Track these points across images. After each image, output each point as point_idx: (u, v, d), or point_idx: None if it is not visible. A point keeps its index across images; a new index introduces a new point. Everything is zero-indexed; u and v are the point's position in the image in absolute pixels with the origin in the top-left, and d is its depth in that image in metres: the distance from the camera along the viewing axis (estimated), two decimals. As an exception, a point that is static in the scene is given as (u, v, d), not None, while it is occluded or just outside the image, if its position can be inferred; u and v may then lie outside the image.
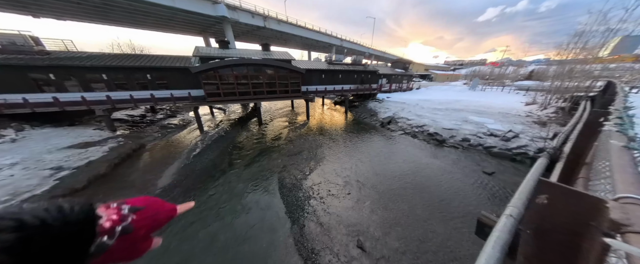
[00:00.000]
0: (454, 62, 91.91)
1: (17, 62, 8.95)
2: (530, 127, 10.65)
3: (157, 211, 0.40)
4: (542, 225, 1.04)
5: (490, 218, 2.58)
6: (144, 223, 0.37)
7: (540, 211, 1.06)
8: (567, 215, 0.94)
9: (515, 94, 21.79)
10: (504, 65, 37.48)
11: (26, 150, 7.76)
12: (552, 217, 1.01)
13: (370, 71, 20.75)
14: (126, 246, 0.34)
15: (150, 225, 0.38)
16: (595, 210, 0.84)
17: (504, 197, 6.11)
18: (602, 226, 0.75)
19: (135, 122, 13.70)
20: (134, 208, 0.38)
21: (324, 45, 32.28)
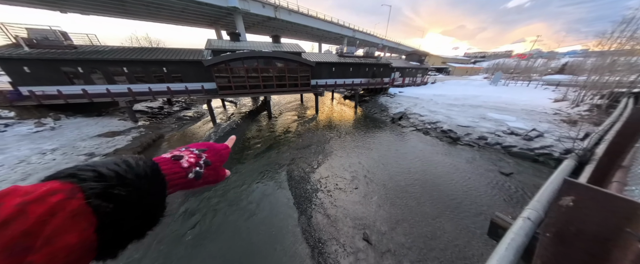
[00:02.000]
0: (475, 54, 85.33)
1: (52, 56, 9.74)
2: (557, 126, 9.79)
3: (217, 150, 0.51)
4: (566, 229, 0.98)
5: (504, 220, 2.49)
6: (214, 159, 0.48)
7: (565, 214, 1.00)
8: (597, 220, 0.87)
9: (543, 90, 19.94)
10: (532, 58, 34.13)
11: (63, 138, 8.61)
12: (579, 221, 0.94)
13: (383, 64, 19.96)
14: (211, 173, 0.45)
15: (218, 160, 0.49)
16: (632, 216, 0.77)
17: (522, 200, 5.80)
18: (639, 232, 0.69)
19: (154, 113, 14.55)
20: (201, 149, 0.48)
21: (335, 37, 31.31)
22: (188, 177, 0.41)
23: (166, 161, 0.41)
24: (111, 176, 0.29)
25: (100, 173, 0.28)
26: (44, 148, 7.57)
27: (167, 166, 0.40)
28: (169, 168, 0.40)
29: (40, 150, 7.46)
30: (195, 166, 0.43)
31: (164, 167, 0.39)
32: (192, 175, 0.41)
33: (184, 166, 0.41)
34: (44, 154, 7.26)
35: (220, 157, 0.51)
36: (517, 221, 1.96)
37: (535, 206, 2.15)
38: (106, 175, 0.29)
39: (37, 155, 7.16)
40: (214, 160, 0.48)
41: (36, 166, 6.61)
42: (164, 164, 0.40)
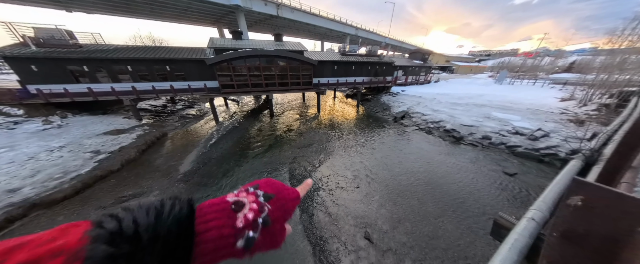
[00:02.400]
0: (480, 52, 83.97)
1: (58, 54, 9.90)
2: (564, 126, 9.61)
3: (286, 200, 0.38)
4: (573, 229, 0.97)
5: (508, 220, 2.46)
6: (277, 215, 0.35)
7: (573, 214, 0.98)
8: (606, 220, 0.85)
9: (550, 89, 19.54)
10: (539, 56, 33.43)
11: (70, 135, 8.78)
12: (587, 221, 0.93)
13: (386, 62, 19.79)
14: (267, 238, 0.33)
15: (282, 216, 0.36)
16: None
17: (526, 200, 5.72)
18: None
19: (158, 111, 14.72)
20: (267, 195, 0.36)
21: (337, 35, 31.12)
22: (236, 246, 0.29)
23: (221, 211, 0.31)
24: (127, 235, 0.23)
25: (120, 228, 0.24)
26: (52, 146, 7.74)
27: (218, 222, 0.29)
28: (217, 225, 0.29)
29: (48, 147, 7.63)
30: (250, 228, 0.31)
31: (212, 221, 0.30)
32: (241, 243, 0.29)
33: (237, 226, 0.30)
34: (51, 151, 7.42)
35: (285, 213, 0.37)
36: (521, 222, 1.93)
37: (539, 207, 2.12)
38: (124, 232, 0.23)
39: (45, 152, 7.32)
40: (277, 216, 0.35)
41: (44, 163, 6.77)
42: (216, 213, 0.31)
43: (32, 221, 5.01)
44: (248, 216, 0.32)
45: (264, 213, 0.33)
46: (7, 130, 8.28)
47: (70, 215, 5.22)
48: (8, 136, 7.97)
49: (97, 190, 6.23)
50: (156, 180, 6.80)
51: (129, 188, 6.31)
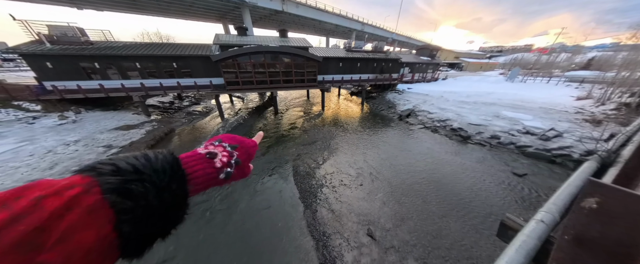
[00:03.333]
0: (492, 49, 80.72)
1: (71, 52, 10.23)
2: (579, 126, 9.20)
3: (248, 147, 0.50)
4: (587, 232, 0.94)
5: (515, 222, 2.41)
6: (243, 157, 0.47)
7: (587, 217, 0.95)
8: (625, 224, 0.82)
9: (565, 86, 18.67)
10: (554, 52, 31.85)
11: (84, 130, 9.15)
12: (603, 224, 0.90)
13: (392, 59, 19.40)
14: (238, 172, 0.45)
15: (247, 158, 0.48)
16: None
17: (536, 202, 5.58)
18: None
19: (165, 108, 15.07)
20: (233, 146, 0.47)
21: (343, 31, 30.61)
22: (219, 177, 0.40)
23: (200, 159, 0.39)
24: (129, 170, 0.28)
25: (118, 167, 0.27)
26: (68, 140, 8.10)
27: (201, 165, 0.38)
28: (203, 168, 0.38)
29: (65, 141, 7.99)
30: (227, 166, 0.41)
31: (196, 165, 0.38)
32: (223, 175, 0.40)
33: (216, 166, 0.40)
34: (68, 145, 7.78)
35: (249, 156, 0.49)
36: (530, 224, 1.89)
37: (550, 209, 2.06)
38: (124, 168, 0.28)
39: (62, 146, 7.68)
40: (244, 158, 0.47)
41: (62, 156, 7.11)
42: (195, 161, 0.39)
43: (51, 210, 5.30)
44: (223, 159, 0.42)
45: (234, 157, 0.45)
46: (26, 125, 8.72)
47: (86, 206, 5.48)
48: (28, 130, 8.39)
49: (110, 183, 6.51)
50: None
51: (140, 182, 6.55)
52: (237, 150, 0.47)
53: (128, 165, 0.28)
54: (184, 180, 0.35)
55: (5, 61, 32.50)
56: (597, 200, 0.95)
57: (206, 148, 0.44)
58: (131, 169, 0.28)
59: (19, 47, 9.71)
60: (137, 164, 0.29)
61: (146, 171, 0.29)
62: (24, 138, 7.79)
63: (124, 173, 0.27)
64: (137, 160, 0.30)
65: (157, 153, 0.34)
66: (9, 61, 32.93)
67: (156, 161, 0.32)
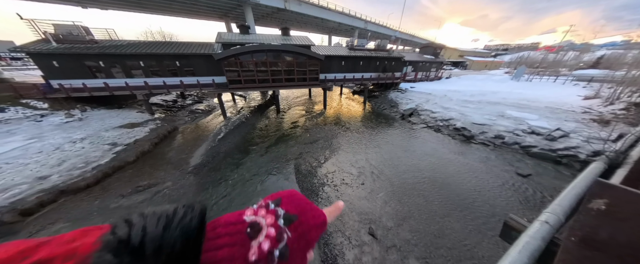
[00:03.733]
0: (497, 47, 79.30)
1: (77, 50, 10.37)
2: (586, 126, 9.02)
3: (309, 227, 0.32)
4: (595, 234, 0.92)
5: (519, 222, 2.39)
6: (297, 246, 0.30)
7: (595, 218, 0.93)
8: (635, 226, 0.80)
9: (572, 86, 18.27)
10: (562, 50, 31.14)
11: (90, 128, 9.31)
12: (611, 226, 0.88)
13: (395, 58, 19.20)
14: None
15: (303, 247, 0.31)
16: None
17: (540, 202, 5.51)
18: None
19: (169, 106, 15.22)
20: (288, 217, 0.31)
21: (346, 29, 30.39)
22: None
23: (235, 234, 0.28)
24: (134, 246, 0.23)
25: (128, 235, 0.23)
26: (74, 137, 8.25)
27: (229, 250, 0.26)
28: (227, 255, 0.26)
29: (71, 138, 8.15)
30: (265, 261, 0.27)
31: (221, 247, 0.27)
32: None
33: (250, 260, 0.26)
34: (74, 142, 7.93)
35: (306, 243, 0.31)
36: (534, 225, 1.87)
37: (555, 210, 2.03)
38: (131, 240, 0.23)
39: (69, 143, 7.83)
40: (297, 247, 0.30)
41: (69, 153, 7.26)
42: (225, 238, 0.27)
43: (60, 206, 5.45)
44: (263, 246, 0.27)
45: (282, 243, 0.28)
46: (35, 122, 8.90)
47: (92, 202, 5.61)
48: (36, 127, 8.57)
49: (115, 180, 6.64)
50: (169, 172, 7.12)
51: (144, 179, 6.66)
52: (291, 228, 0.30)
53: (139, 235, 0.23)
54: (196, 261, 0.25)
55: (13, 60, 33.12)
56: (605, 202, 0.93)
57: (256, 213, 0.31)
58: (136, 244, 0.23)
59: (26, 46, 9.87)
60: (149, 235, 0.24)
61: (148, 249, 0.23)
62: (32, 135, 7.96)
63: (124, 250, 0.23)
64: (156, 226, 0.25)
65: (186, 212, 0.27)
66: (17, 60, 33.55)
67: (174, 229, 0.25)
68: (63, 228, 4.81)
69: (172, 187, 6.30)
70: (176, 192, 6.09)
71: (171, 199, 5.82)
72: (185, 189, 6.24)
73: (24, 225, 4.82)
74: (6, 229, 4.63)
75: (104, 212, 5.28)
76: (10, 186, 5.48)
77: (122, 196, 5.82)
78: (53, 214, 5.18)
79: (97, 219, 5.07)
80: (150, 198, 5.81)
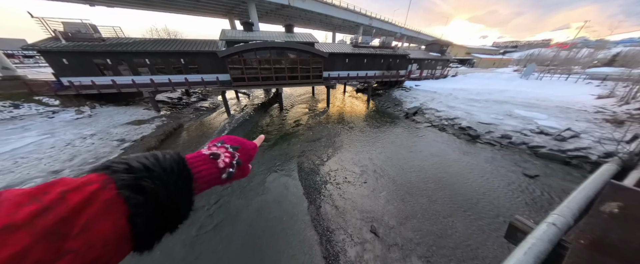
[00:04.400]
0: (506, 44, 76.92)
1: (85, 48, 10.59)
2: (598, 126, 8.72)
3: (248, 149, 0.52)
4: (606, 237, 0.90)
5: (525, 224, 2.35)
6: (244, 158, 0.49)
7: (607, 221, 0.91)
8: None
9: (585, 84, 17.63)
10: (575, 47, 29.97)
11: (99, 125, 9.57)
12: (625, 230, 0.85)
13: (400, 55, 18.89)
14: (239, 172, 0.47)
15: (247, 159, 0.50)
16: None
17: (547, 204, 5.40)
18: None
19: (174, 103, 15.46)
20: (234, 147, 0.49)
21: (350, 25, 29.98)
22: (221, 177, 0.42)
23: (204, 159, 0.42)
24: (140, 169, 0.30)
25: (130, 165, 0.30)
26: (84, 134, 8.50)
27: (205, 166, 0.40)
28: (207, 168, 0.40)
29: (82, 134, 8.40)
30: (229, 167, 0.44)
31: (201, 165, 0.40)
32: (225, 175, 0.42)
33: (219, 167, 0.42)
34: (85, 138, 8.17)
35: (249, 157, 0.51)
36: (540, 226, 1.84)
37: (563, 212, 1.99)
38: (135, 167, 0.30)
39: (79, 139, 8.08)
40: (244, 159, 0.49)
41: (80, 148, 7.50)
42: (200, 161, 0.41)
43: (72, 199, 5.64)
44: (226, 160, 0.44)
45: (236, 158, 0.46)
46: (47, 119, 9.20)
47: (102, 196, 5.79)
48: (48, 124, 8.87)
49: (124, 175, 6.82)
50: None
51: (152, 174, 6.83)
52: (239, 152, 0.49)
53: (139, 164, 0.31)
54: (190, 179, 0.36)
55: (26, 57, 34.12)
56: (619, 205, 0.91)
57: (209, 149, 0.46)
58: (142, 167, 0.30)
59: (37, 44, 10.14)
60: (148, 163, 0.32)
61: (156, 170, 0.31)
62: (45, 131, 8.25)
63: (135, 171, 0.29)
64: (147, 160, 0.32)
65: (165, 153, 0.36)
66: (29, 57, 34.54)
67: (164, 161, 0.34)
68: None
69: (178, 183, 6.44)
70: (182, 188, 6.22)
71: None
72: (191, 185, 6.36)
73: (39, 217, 5.03)
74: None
75: (113, 206, 5.45)
76: (26, 180, 5.72)
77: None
78: (66, 207, 5.37)
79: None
80: (157, 193, 5.96)
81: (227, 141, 0.50)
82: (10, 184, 5.50)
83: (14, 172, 5.91)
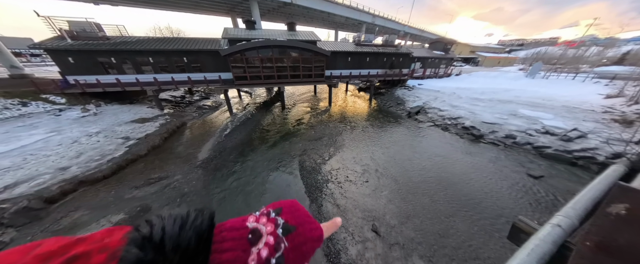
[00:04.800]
0: (512, 42, 75.46)
1: (90, 47, 10.72)
2: (606, 126, 8.54)
3: (305, 239, 0.34)
4: (612, 239, 0.89)
5: (528, 225, 2.32)
6: (293, 257, 0.31)
7: (614, 223, 0.90)
8: None
9: (593, 83, 17.22)
10: (584, 45, 29.26)
11: (104, 122, 9.71)
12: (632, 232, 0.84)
13: (403, 53, 18.70)
14: None
15: (299, 260, 0.32)
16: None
17: (551, 205, 5.33)
18: None
19: (177, 102, 15.59)
20: (287, 227, 0.33)
21: (353, 23, 29.73)
22: None
23: (238, 238, 0.30)
24: (155, 242, 0.26)
25: (151, 233, 0.27)
26: (90, 131, 8.65)
27: (231, 254, 0.28)
28: (230, 258, 0.28)
29: (87, 132, 8.55)
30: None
31: (228, 249, 0.29)
32: None
33: (249, 261, 0.28)
34: (90, 136, 8.32)
35: (302, 256, 0.32)
36: (544, 227, 1.82)
37: (568, 213, 1.96)
38: (153, 238, 0.26)
39: (85, 136, 8.23)
40: (293, 258, 0.31)
41: (85, 146, 7.64)
42: (232, 240, 0.30)
43: (80, 195, 5.79)
44: (262, 253, 0.29)
45: (278, 253, 0.30)
46: (54, 116, 9.38)
47: (109, 192, 5.92)
48: (55, 121, 9.04)
49: (129, 172, 6.95)
50: (178, 166, 7.38)
51: (156, 172, 6.94)
52: (289, 238, 0.32)
53: (159, 233, 0.27)
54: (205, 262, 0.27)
55: (33, 56, 34.71)
56: (626, 206, 0.89)
57: (258, 220, 0.33)
58: (157, 240, 0.26)
59: (44, 43, 10.30)
60: (167, 234, 0.27)
61: (167, 245, 0.26)
62: (52, 128, 8.41)
63: (147, 245, 0.26)
64: (173, 226, 0.28)
65: (197, 215, 0.30)
66: (36, 56, 35.14)
67: (188, 229, 0.28)
68: (84, 216, 5.11)
69: (182, 180, 6.53)
70: (185, 185, 6.31)
71: (181, 191, 6.04)
72: (194, 182, 6.45)
73: (49, 212, 5.17)
74: (33, 214, 4.98)
75: (119, 202, 5.56)
76: (35, 176, 5.86)
77: (135, 188, 6.10)
78: (74, 202, 5.51)
79: (114, 208, 5.36)
80: (162, 190, 6.06)
81: (286, 213, 0.35)
82: (19, 180, 5.64)
83: (23, 168, 6.06)
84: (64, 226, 4.82)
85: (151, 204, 5.52)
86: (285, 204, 0.37)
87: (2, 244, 4.32)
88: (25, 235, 4.57)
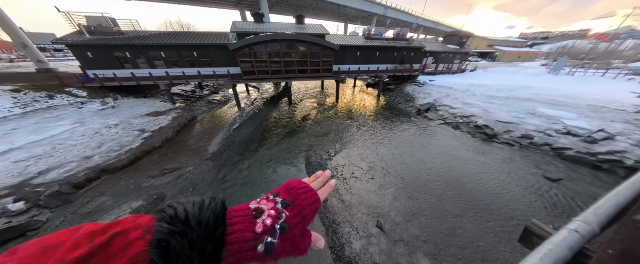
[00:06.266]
0: (535, 35, 69.81)
1: (107, 41, 11.15)
2: (638, 128, 7.87)
3: (303, 206, 0.38)
4: (639, 249, 0.83)
5: (542, 228, 2.23)
6: (295, 221, 0.36)
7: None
8: None
9: (626, 81, 15.76)
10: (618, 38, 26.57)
11: (121, 115, 10.24)
12: (662, 247, 0.78)
13: (414, 48, 17.93)
14: (287, 244, 0.34)
15: (301, 222, 0.36)
16: None
17: (569, 210, 5.08)
18: None
19: (188, 96, 16.05)
20: (285, 202, 0.37)
21: (363, 15, 28.73)
22: (256, 250, 0.31)
23: (245, 216, 0.34)
24: (180, 219, 0.29)
25: (176, 213, 0.30)
26: (109, 123, 9.17)
27: (241, 225, 0.33)
28: (240, 229, 0.32)
29: (107, 124, 9.07)
30: (268, 233, 0.32)
31: (237, 224, 0.33)
32: (261, 247, 0.31)
33: (257, 231, 0.32)
34: (110, 128, 8.82)
35: (303, 218, 0.37)
36: (561, 232, 1.74)
37: (588, 219, 1.86)
38: (179, 216, 0.30)
39: (105, 128, 8.74)
40: (296, 222, 0.36)
41: (106, 137, 8.13)
42: (240, 217, 0.34)
43: (103, 182, 6.23)
44: (266, 221, 0.33)
45: (281, 220, 0.34)
46: (77, 109, 10.01)
47: (128, 180, 6.33)
48: (78, 113, 9.65)
49: (145, 162, 7.36)
50: (190, 157, 7.70)
51: (169, 163, 7.30)
52: (288, 210, 0.36)
53: (183, 213, 0.30)
54: (222, 238, 0.31)
55: (56, 51, 36.75)
56: (659, 216, 0.82)
57: (259, 202, 0.37)
58: (183, 218, 0.30)
59: (65, 38, 10.84)
60: (191, 212, 0.31)
61: (192, 221, 0.30)
62: (76, 120, 9.00)
63: (175, 221, 0.29)
64: (193, 208, 0.31)
65: (211, 200, 0.34)
66: (59, 51, 37.17)
67: (205, 211, 0.31)
68: (107, 201, 5.52)
69: (193, 171, 6.83)
70: (197, 176, 6.61)
71: (193, 181, 6.34)
72: (205, 173, 6.74)
73: (77, 196, 5.63)
74: (64, 198, 5.44)
75: (138, 190, 5.94)
76: (64, 163, 6.36)
77: (151, 177, 6.47)
78: (98, 189, 5.96)
79: (134, 195, 5.73)
80: (175, 180, 6.39)
81: (282, 194, 0.39)
82: (50, 167, 6.14)
83: (53, 156, 6.58)
84: (91, 210, 5.24)
85: (166, 192, 5.85)
86: (281, 188, 0.42)
87: (39, 223, 4.78)
88: (58, 215, 5.03)
